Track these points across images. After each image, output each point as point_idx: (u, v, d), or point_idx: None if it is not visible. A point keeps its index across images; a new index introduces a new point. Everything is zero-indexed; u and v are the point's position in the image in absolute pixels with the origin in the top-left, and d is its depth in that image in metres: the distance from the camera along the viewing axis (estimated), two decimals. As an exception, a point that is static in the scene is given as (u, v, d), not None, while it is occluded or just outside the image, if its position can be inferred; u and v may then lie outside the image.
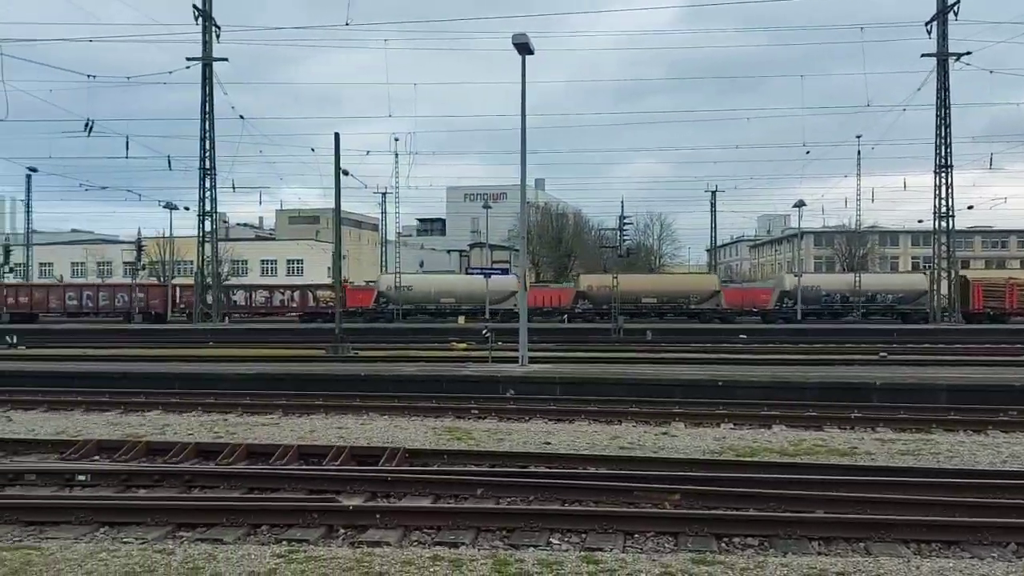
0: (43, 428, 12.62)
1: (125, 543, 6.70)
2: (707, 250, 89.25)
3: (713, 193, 71.83)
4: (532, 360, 19.59)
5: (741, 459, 9.96)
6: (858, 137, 49.41)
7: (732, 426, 12.64)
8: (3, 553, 6.18)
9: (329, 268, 77.07)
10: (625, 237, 44.71)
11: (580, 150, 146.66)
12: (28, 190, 73.93)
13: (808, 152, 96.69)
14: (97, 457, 10.26)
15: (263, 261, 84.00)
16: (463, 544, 6.71)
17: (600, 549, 6.50)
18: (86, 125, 33.10)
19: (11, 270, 64.09)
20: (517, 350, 19.65)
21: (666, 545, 6.81)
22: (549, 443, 11.19)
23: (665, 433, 11.98)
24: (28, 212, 76.31)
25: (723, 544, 6.84)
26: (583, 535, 7.00)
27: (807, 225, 67.76)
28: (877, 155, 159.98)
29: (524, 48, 18.15)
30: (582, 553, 6.34)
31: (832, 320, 46.28)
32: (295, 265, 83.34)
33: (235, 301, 50.04)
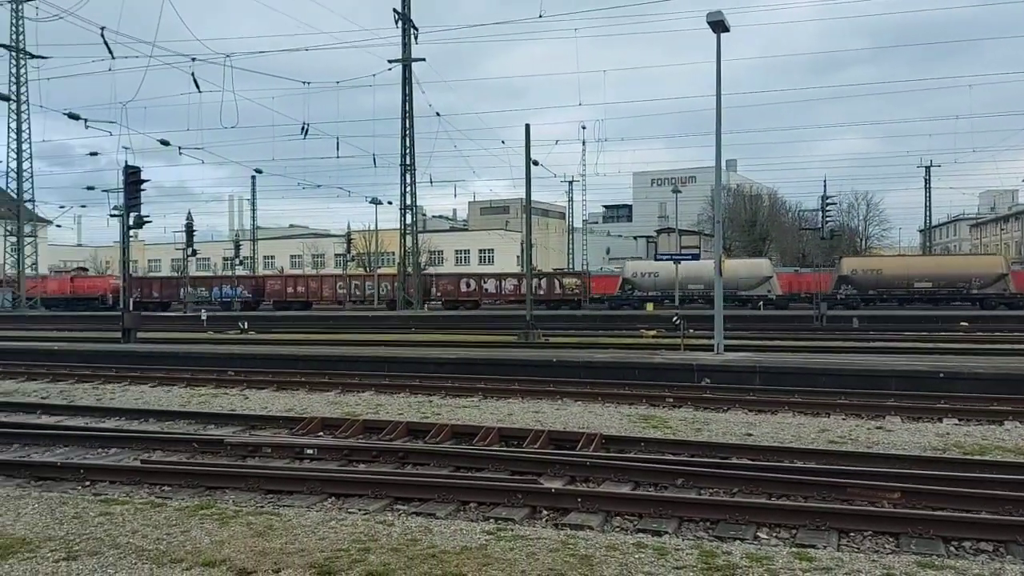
0: (274, 405, 13.95)
1: (350, 513, 7.27)
2: (920, 230, 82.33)
3: (927, 168, 66.05)
4: (728, 348, 19.01)
5: (969, 457, 9.11)
6: (1104, 99, 43.10)
7: (956, 421, 11.61)
8: (249, 517, 6.91)
9: (518, 256, 79.01)
10: (828, 218, 41.92)
11: (775, 128, 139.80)
12: (253, 190, 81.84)
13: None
14: (321, 433, 11.19)
15: (457, 251, 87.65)
16: (666, 533, 6.67)
17: (812, 546, 6.22)
18: (302, 128, 36.03)
19: (240, 262, 71.27)
20: (711, 338, 19.14)
21: (886, 546, 6.40)
22: (751, 435, 10.83)
23: (879, 427, 11.22)
24: (254, 210, 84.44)
25: (951, 548, 6.32)
26: (793, 531, 6.73)
27: (1040, 200, 60.37)
28: None
29: (719, 26, 17.55)
30: (793, 549, 6.10)
31: None
32: (486, 254, 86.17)
33: (486, 289, 51.59)
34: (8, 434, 10.97)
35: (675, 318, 23.57)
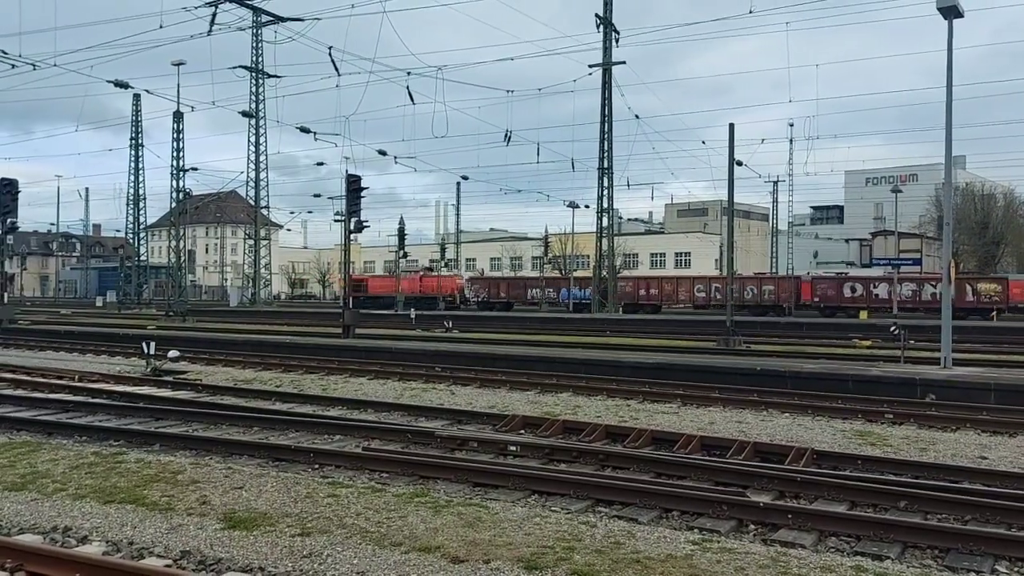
0: (478, 402, 14.51)
1: (553, 511, 7.42)
2: None
3: None
4: (956, 362, 17.35)
5: None
6: None
7: None
8: (459, 508, 7.26)
9: (716, 260, 76.68)
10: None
11: (1010, 121, 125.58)
12: (458, 195, 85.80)
13: None
14: (523, 431, 11.50)
15: (652, 254, 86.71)
16: (888, 558, 6.22)
17: (1065, 588, 5.56)
18: (505, 135, 37.28)
19: (445, 264, 74.91)
20: (938, 351, 17.56)
21: None
22: (985, 458, 9.84)
23: None
24: (458, 215, 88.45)
25: None
26: (1039, 568, 6.04)
27: None
28: None
29: (952, 11, 16.07)
30: (1041, 589, 5.48)
31: None
32: (682, 257, 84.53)
33: (880, 294, 45.41)
34: (250, 418, 12.27)
35: (893, 328, 21.96)
